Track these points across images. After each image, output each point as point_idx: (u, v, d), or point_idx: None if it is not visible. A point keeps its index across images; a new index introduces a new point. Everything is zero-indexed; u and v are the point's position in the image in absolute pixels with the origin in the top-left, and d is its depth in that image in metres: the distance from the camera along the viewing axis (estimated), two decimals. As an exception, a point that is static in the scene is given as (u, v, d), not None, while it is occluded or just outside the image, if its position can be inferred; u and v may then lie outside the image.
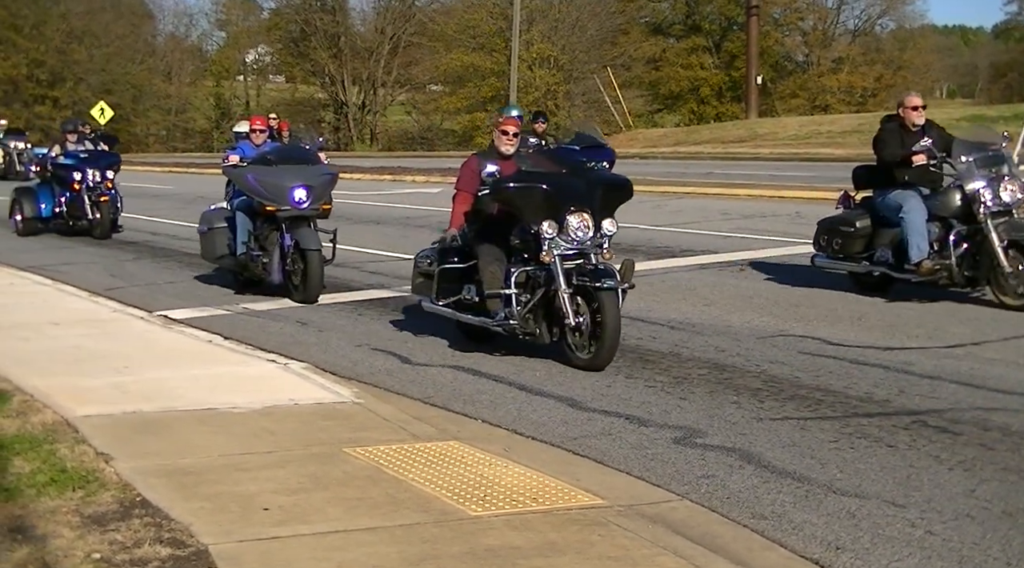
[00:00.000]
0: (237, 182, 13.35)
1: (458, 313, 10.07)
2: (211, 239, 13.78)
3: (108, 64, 71.00)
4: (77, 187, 20.30)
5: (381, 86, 73.19)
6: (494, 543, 5.31)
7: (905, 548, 5.45)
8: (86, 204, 20.27)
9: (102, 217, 20.26)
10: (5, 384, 8.34)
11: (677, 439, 7.30)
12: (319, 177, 13.14)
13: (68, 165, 20.66)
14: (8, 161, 40.47)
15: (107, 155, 21.35)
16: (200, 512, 5.65)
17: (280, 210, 12.70)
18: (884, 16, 72.91)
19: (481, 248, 9.77)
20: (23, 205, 21.15)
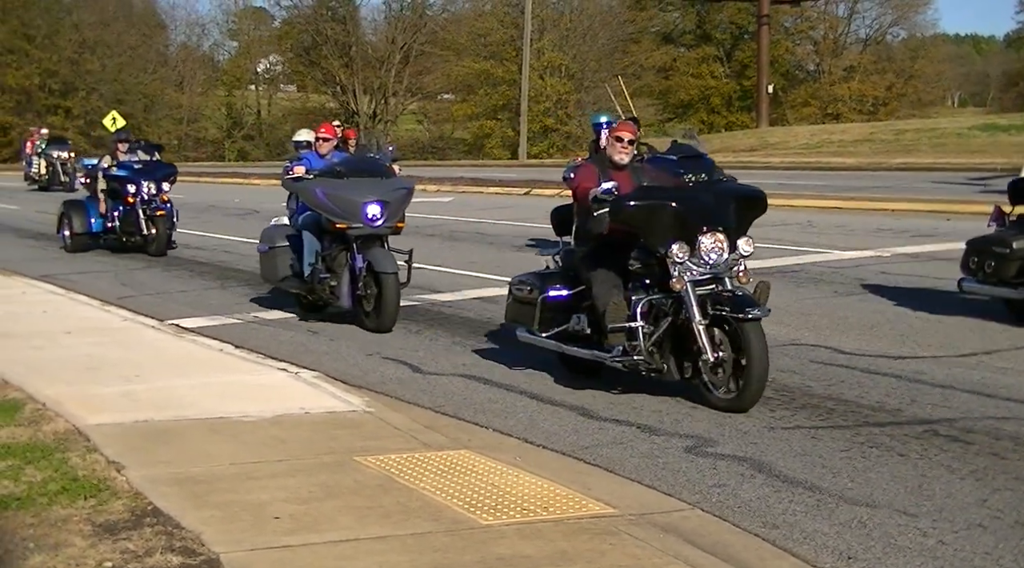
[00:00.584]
0: (303, 197, 12.10)
1: (564, 346, 9.05)
2: (273, 259, 12.55)
3: (120, 74, 71.22)
4: (131, 200, 18.94)
5: (392, 95, 73.31)
6: (505, 552, 5.30)
7: (917, 558, 5.43)
8: (141, 219, 18.89)
9: (158, 233, 18.82)
10: (17, 393, 8.36)
11: (688, 448, 7.29)
12: (394, 191, 12.02)
13: (121, 177, 19.22)
14: (52, 172, 39.77)
15: (162, 166, 19.98)
16: (211, 521, 5.66)
17: (351, 228, 11.62)
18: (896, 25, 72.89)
19: (595, 274, 8.66)
20: (72, 220, 19.65)
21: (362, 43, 74.58)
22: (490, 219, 22.53)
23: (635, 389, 8.79)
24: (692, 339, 8.10)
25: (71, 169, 38.67)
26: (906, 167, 33.33)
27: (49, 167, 39.72)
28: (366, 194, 11.68)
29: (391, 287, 11.44)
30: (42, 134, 42.16)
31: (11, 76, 67.58)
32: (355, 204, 11.63)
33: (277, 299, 13.59)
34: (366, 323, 11.61)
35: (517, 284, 9.48)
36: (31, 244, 21.62)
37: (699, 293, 8.12)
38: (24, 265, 17.57)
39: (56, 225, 20.08)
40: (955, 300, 11.74)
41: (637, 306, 8.30)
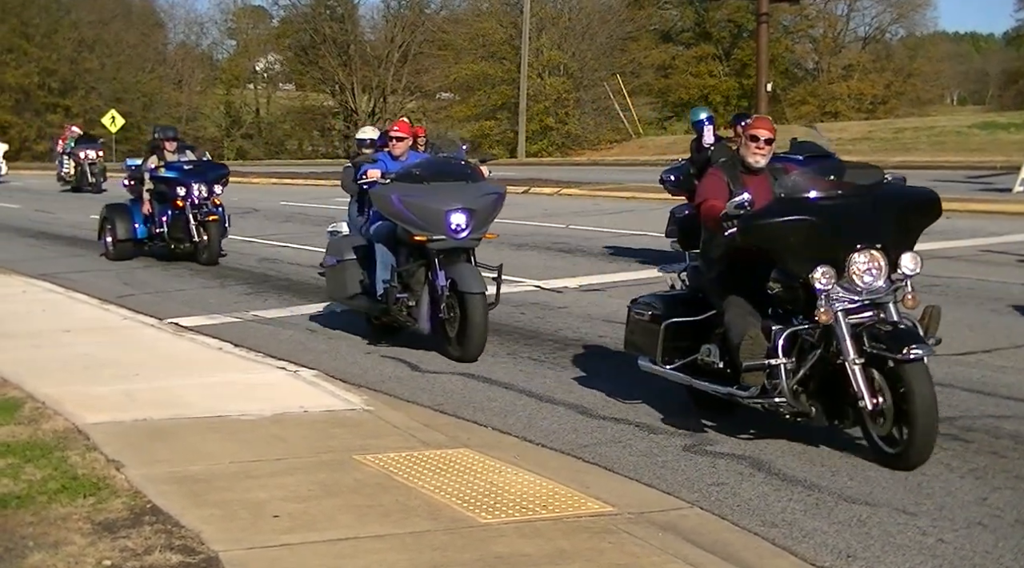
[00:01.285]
0: (377, 204, 10.54)
1: (694, 379, 7.73)
2: (340, 274, 11.22)
3: (119, 73, 71.15)
4: (181, 204, 17.27)
5: (391, 94, 73.23)
6: (504, 551, 5.30)
7: (916, 556, 5.44)
8: (191, 224, 17.23)
9: (210, 239, 17.19)
10: (17, 391, 8.36)
11: (687, 447, 7.29)
12: (481, 197, 10.43)
13: (170, 178, 17.54)
14: (79, 172, 37.41)
15: (213, 166, 18.52)
16: (210, 519, 5.66)
17: (432, 240, 10.10)
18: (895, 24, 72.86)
19: (728, 299, 7.38)
20: (115, 225, 18.00)
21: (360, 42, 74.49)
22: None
23: (634, 388, 8.79)
24: (846, 379, 6.78)
25: (99, 170, 36.96)
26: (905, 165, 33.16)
27: (77, 167, 37.41)
28: (449, 201, 10.18)
29: (478, 309, 9.93)
30: (73, 132, 40.15)
31: (10, 75, 67.48)
32: (437, 213, 10.12)
33: (277, 298, 13.61)
34: (449, 351, 10.14)
35: (637, 307, 8.24)
36: (31, 243, 21.61)
37: (852, 323, 6.83)
38: (23, 264, 17.56)
39: (97, 231, 18.55)
40: (954, 298, 11.74)
41: (778, 338, 7.02)
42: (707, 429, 7.64)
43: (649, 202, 25.00)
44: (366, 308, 11.08)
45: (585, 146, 54.84)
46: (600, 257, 16.65)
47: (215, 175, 17.90)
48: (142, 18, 77.94)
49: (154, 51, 76.58)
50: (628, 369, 9.28)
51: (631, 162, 43.17)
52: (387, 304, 10.49)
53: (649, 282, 12.70)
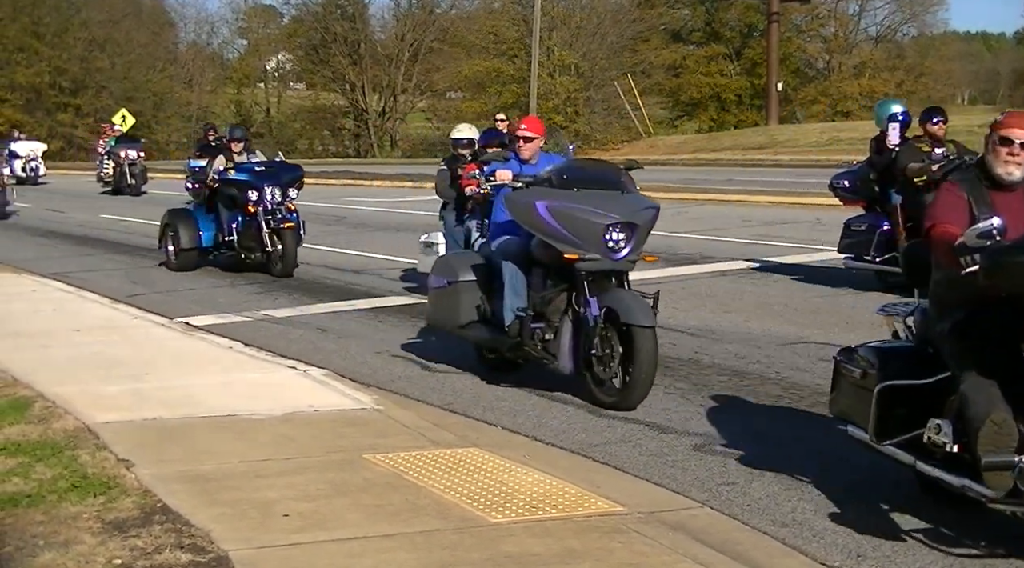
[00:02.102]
0: (517, 213, 8.74)
1: (921, 463, 5.73)
2: (452, 299, 9.38)
3: (130, 72, 71.28)
4: (252, 210, 15.71)
5: (401, 93, 73.27)
6: (514, 550, 5.30)
7: (927, 556, 5.43)
8: (264, 232, 15.68)
9: (285, 249, 15.54)
10: (27, 391, 8.38)
11: (697, 446, 7.28)
12: (641, 212, 8.69)
13: (240, 181, 16.03)
14: (119, 173, 35.05)
15: (288, 168, 16.67)
16: (220, 518, 5.67)
17: (585, 259, 8.34)
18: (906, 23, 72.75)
19: (965, 363, 5.39)
20: (179, 232, 16.48)
21: (371, 41, 74.53)
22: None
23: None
24: None
25: (140, 171, 34.81)
26: (916, 165, 33.18)
27: (117, 168, 35.10)
28: (608, 214, 8.44)
29: (647, 348, 8.12)
30: (114, 131, 38.27)
31: (21, 74, 67.64)
32: (595, 227, 8.37)
33: (287, 298, 13.60)
34: (598, 395, 8.35)
35: (847, 360, 6.29)
36: (42, 242, 21.65)
37: None
38: (34, 263, 17.60)
39: (158, 239, 17.07)
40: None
41: None
42: (716, 429, 7.63)
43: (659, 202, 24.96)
44: (487, 341, 9.27)
45: (595, 145, 54.86)
46: (610, 256, 16.59)
47: (289, 178, 16.25)
48: (153, 17, 78.10)
49: (165, 50, 76.72)
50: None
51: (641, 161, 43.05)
52: (518, 337, 8.71)
53: (658, 281, 12.71)
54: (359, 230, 22.31)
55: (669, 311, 11.89)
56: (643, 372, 8.11)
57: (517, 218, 8.82)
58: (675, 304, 12.34)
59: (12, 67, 67.79)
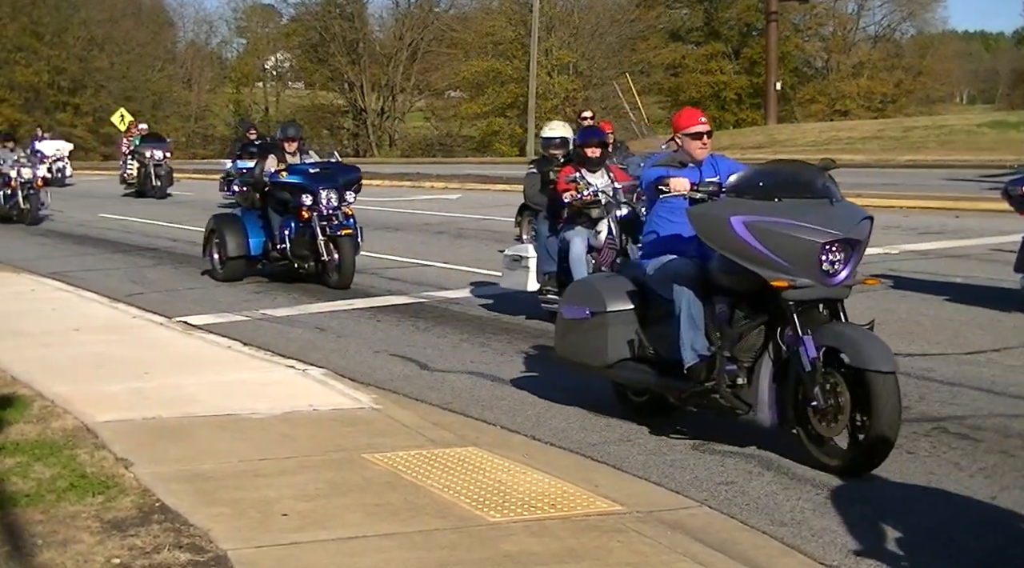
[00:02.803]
0: (705, 230, 7.10)
1: None
2: (598, 332, 7.89)
3: (129, 71, 71.35)
4: (306, 215, 14.34)
5: (400, 92, 73.36)
6: (513, 549, 5.30)
7: (926, 555, 5.43)
8: (319, 239, 14.32)
9: (342, 258, 14.20)
10: (26, 390, 8.38)
11: (696, 445, 7.28)
12: (858, 224, 7.00)
13: (293, 184, 14.59)
14: (143, 174, 33.10)
15: (344, 169, 15.32)
16: (219, 518, 5.66)
17: (797, 286, 6.78)
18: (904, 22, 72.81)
19: None
20: (225, 239, 15.15)
21: (370, 40, 74.63)
22: (497, 216, 22.50)
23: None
24: None
25: (166, 172, 32.99)
26: (914, 164, 33.28)
27: (141, 169, 33.14)
28: (823, 230, 6.82)
29: (888, 401, 6.48)
30: (139, 129, 36.40)
31: (20, 73, 67.71)
32: (810, 247, 6.79)
33: (286, 297, 13.60)
34: (819, 457, 6.76)
35: None
36: (41, 241, 21.65)
37: None
38: (33, 263, 17.59)
39: (203, 246, 15.76)
40: (964, 297, 11.73)
41: None
42: (716, 428, 7.63)
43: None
44: (653, 384, 7.66)
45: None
46: (609, 256, 16.59)
47: (347, 180, 14.82)
48: (152, 17, 78.16)
49: (164, 50, 76.81)
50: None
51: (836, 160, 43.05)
52: (705, 381, 7.16)
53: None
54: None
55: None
56: (883, 429, 6.45)
57: (704, 237, 7.14)
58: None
59: (11, 66, 67.88)
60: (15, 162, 25.00)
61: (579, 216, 10.86)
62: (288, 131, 15.65)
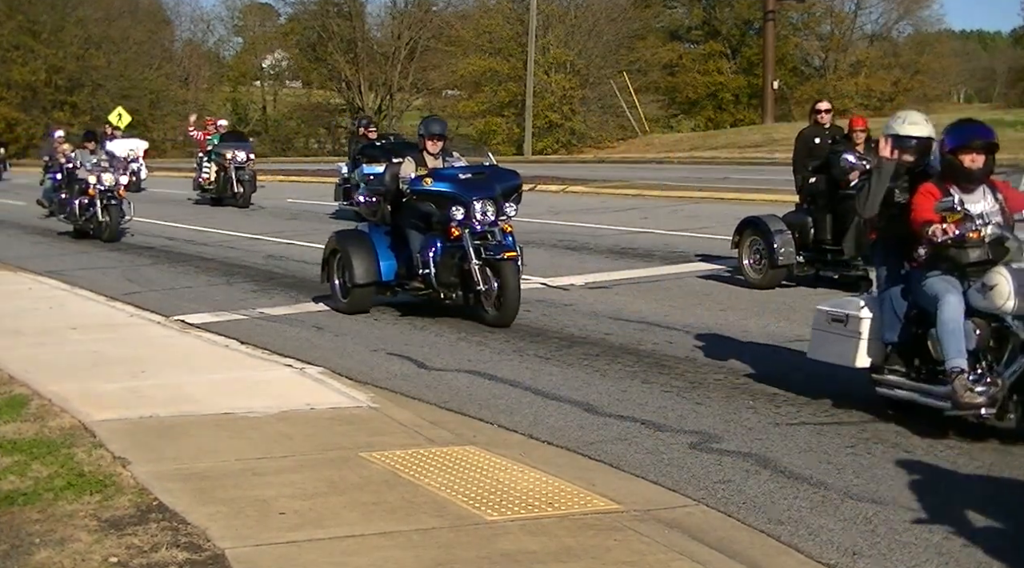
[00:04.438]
0: None
1: None
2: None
3: (126, 70, 71.27)
4: (457, 232, 11.47)
5: (398, 91, 73.32)
6: (510, 548, 5.30)
7: (923, 554, 5.43)
8: (472, 263, 11.30)
9: (504, 287, 11.21)
10: (23, 389, 8.37)
11: (693, 444, 7.29)
12: None
13: (440, 194, 11.65)
14: (223, 179, 28.09)
15: (503, 174, 12.30)
16: (217, 516, 5.67)
17: None
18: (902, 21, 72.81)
19: None
20: (352, 262, 12.19)
21: (367, 39, 74.57)
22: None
23: (639, 386, 8.79)
24: None
25: (250, 177, 27.95)
26: (912, 163, 33.22)
27: (220, 173, 28.21)
28: None
29: None
30: (219, 126, 31.25)
31: (17, 72, 67.64)
32: None
33: (283, 296, 13.60)
34: None
35: None
36: (37, 240, 21.65)
37: None
38: (30, 261, 17.59)
39: (322, 268, 12.90)
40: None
41: None
42: (713, 427, 7.64)
43: (655, 200, 25.01)
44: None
45: (590, 144, 54.85)
46: (606, 255, 16.63)
47: (506, 188, 11.98)
48: (149, 15, 78.09)
49: (161, 48, 76.74)
50: (633, 366, 9.29)
51: (637, 160, 43.15)
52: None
53: (655, 279, 12.72)
54: (355, 228, 22.27)
55: (666, 309, 11.91)
56: None
57: None
58: (671, 302, 12.37)
59: (8, 65, 67.82)
60: (94, 166, 21.05)
61: (942, 257, 7.37)
62: (432, 127, 12.47)
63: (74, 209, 21.43)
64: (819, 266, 13.19)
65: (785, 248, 13.01)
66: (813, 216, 13.20)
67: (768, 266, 13.16)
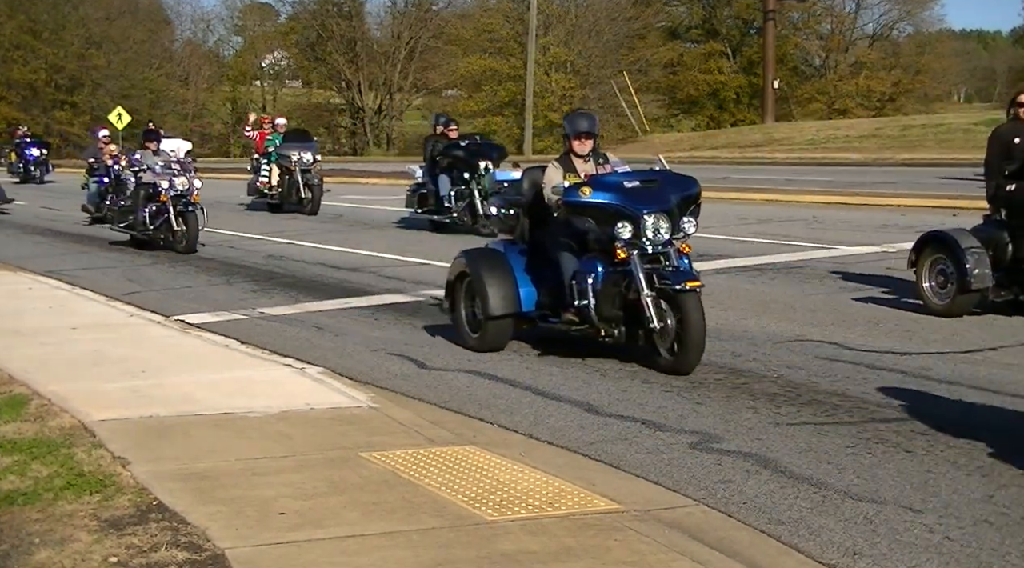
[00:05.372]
0: None
1: None
2: None
3: (126, 70, 71.37)
4: (623, 255, 9.19)
5: (397, 91, 73.37)
6: (510, 548, 5.30)
7: (923, 554, 5.43)
8: (644, 294, 9.08)
9: (685, 323, 8.99)
10: (23, 389, 8.37)
11: (693, 444, 7.28)
12: None
13: (602, 207, 9.40)
14: (288, 183, 25.52)
15: (678, 182, 9.88)
16: (217, 516, 5.66)
17: None
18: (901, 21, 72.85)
19: None
20: (486, 288, 10.01)
21: (367, 38, 74.61)
22: (495, 215, 22.57)
23: (640, 385, 8.79)
24: None
25: (318, 182, 25.38)
26: (912, 162, 33.33)
27: (285, 177, 25.62)
28: None
29: None
30: (278, 125, 28.03)
31: (17, 71, 67.73)
32: None
33: (283, 295, 13.60)
34: None
35: None
36: (37, 240, 21.65)
37: None
38: (30, 261, 17.59)
39: (446, 294, 10.80)
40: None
41: None
42: (713, 427, 7.64)
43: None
44: None
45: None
46: (606, 254, 16.60)
47: (683, 198, 9.71)
48: (149, 15, 78.21)
49: (161, 48, 76.85)
50: (634, 366, 9.29)
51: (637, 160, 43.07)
52: None
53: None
54: (355, 228, 22.30)
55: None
56: None
57: None
58: (671, 302, 12.34)
59: (9, 65, 67.90)
60: (164, 169, 18.92)
61: None
62: (579, 123, 10.07)
63: (143, 218, 18.98)
64: (1018, 289, 11.10)
65: (979, 269, 10.89)
66: (1011, 230, 11.12)
67: (956, 290, 11.07)
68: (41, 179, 42.58)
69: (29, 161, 43.01)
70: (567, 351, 10.06)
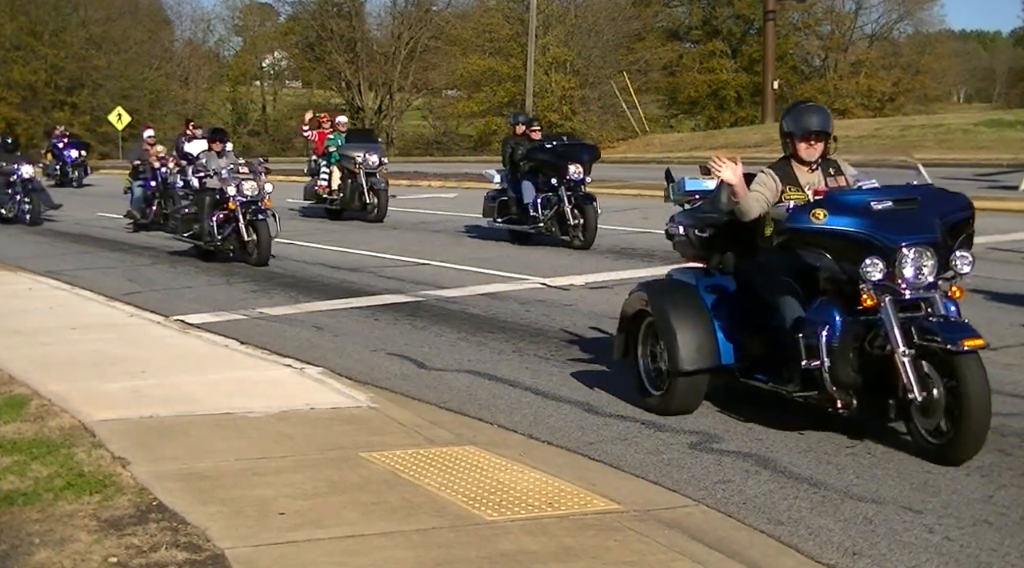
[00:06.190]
0: None
1: None
2: None
3: (126, 70, 71.28)
4: (870, 301, 6.85)
5: (397, 91, 73.30)
6: (510, 548, 5.30)
7: (923, 554, 5.43)
8: (899, 353, 6.68)
9: (964, 396, 6.54)
10: (23, 389, 8.37)
11: (693, 444, 7.29)
12: None
13: (842, 235, 7.08)
14: (351, 187, 23.39)
15: (943, 199, 7.35)
16: (216, 516, 5.67)
17: None
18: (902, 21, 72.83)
19: None
20: (676, 335, 7.76)
21: (367, 39, 74.54)
22: (495, 215, 22.55)
23: (640, 385, 8.79)
24: None
25: (384, 186, 23.38)
26: (912, 163, 33.24)
27: (347, 179, 23.45)
28: None
29: None
30: (338, 124, 25.32)
31: (18, 72, 67.65)
32: None
33: (283, 296, 13.60)
34: None
35: None
36: (38, 240, 21.64)
37: None
38: (30, 261, 17.58)
39: (617, 338, 8.60)
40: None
41: None
42: (713, 427, 7.63)
43: (655, 200, 24.97)
44: None
45: (591, 144, 54.80)
46: (606, 255, 16.64)
47: (952, 222, 7.19)
48: (149, 15, 78.13)
49: (161, 48, 76.73)
50: (634, 366, 9.28)
51: (637, 160, 43.18)
52: None
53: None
54: (355, 228, 22.30)
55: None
56: None
57: None
58: (671, 302, 12.33)
59: (9, 65, 67.82)
60: (232, 173, 17.14)
61: None
62: (806, 120, 8.12)
63: (210, 228, 17.13)
64: None
65: None
66: None
67: None
68: (80, 182, 39.79)
69: (67, 163, 39.96)
70: (567, 351, 10.07)
